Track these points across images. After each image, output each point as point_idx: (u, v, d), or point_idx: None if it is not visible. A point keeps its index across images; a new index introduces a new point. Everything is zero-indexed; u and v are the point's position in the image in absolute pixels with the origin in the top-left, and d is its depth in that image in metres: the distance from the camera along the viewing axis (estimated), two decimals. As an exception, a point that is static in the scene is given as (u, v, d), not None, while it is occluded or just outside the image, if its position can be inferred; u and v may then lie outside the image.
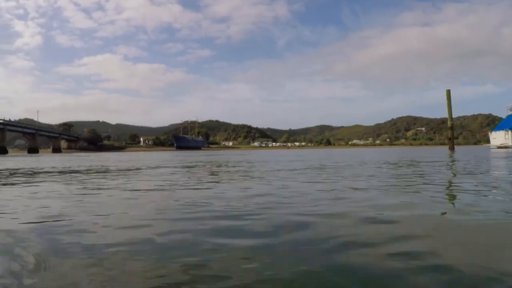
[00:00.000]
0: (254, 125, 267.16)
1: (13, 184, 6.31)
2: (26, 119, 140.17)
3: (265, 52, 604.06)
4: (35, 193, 4.75)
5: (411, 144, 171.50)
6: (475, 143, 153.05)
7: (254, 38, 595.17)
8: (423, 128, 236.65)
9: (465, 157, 14.79)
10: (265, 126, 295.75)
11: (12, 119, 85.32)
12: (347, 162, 12.29)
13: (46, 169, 11.04)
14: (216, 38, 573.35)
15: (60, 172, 9.39)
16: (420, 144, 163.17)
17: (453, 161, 12.20)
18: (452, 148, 32.18)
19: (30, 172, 9.60)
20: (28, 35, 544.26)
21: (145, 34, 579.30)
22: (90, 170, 10.39)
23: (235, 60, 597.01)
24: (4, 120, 74.75)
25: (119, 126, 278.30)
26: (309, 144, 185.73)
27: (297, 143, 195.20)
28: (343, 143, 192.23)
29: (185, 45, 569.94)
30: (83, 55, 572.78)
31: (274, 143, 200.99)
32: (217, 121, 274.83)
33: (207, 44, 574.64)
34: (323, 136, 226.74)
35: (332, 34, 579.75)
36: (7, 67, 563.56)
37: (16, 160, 23.07)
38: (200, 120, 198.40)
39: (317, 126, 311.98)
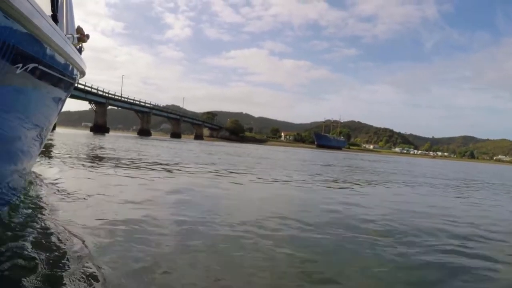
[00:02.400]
0: (396, 129, 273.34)
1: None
2: (173, 106, 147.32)
3: (411, 54, 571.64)
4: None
5: None
6: None
7: (401, 38, 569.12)
8: None
9: None
10: (407, 132, 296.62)
11: (160, 105, 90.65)
12: None
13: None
14: (362, 37, 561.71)
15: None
16: None
17: None
18: None
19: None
20: (178, 27, 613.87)
21: (291, 30, 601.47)
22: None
23: (380, 60, 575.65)
24: (150, 104, 79.07)
25: (261, 119, 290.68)
26: (452, 155, 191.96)
27: (439, 153, 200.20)
28: (487, 158, 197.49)
29: (330, 43, 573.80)
30: (230, 48, 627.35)
31: (415, 151, 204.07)
32: (359, 122, 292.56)
33: (353, 43, 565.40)
34: (466, 148, 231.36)
35: (484, 38, 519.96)
36: (158, 56, 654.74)
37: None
38: (342, 120, 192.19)
39: (461, 137, 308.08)
